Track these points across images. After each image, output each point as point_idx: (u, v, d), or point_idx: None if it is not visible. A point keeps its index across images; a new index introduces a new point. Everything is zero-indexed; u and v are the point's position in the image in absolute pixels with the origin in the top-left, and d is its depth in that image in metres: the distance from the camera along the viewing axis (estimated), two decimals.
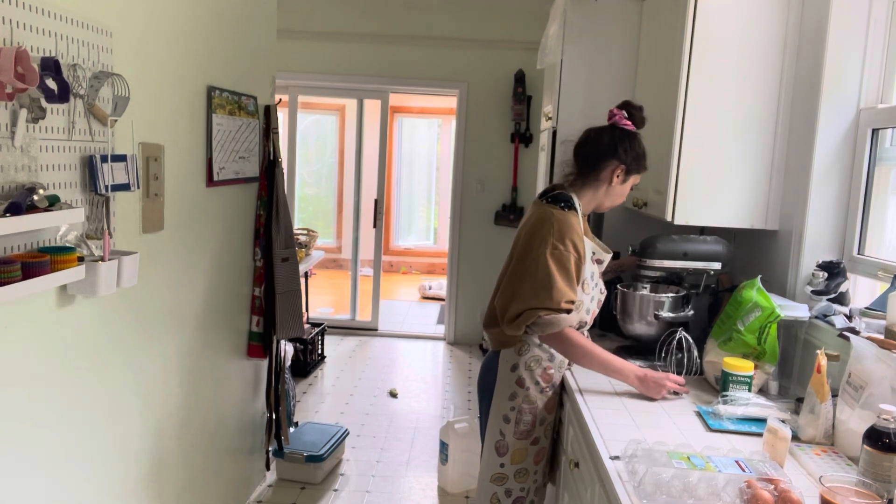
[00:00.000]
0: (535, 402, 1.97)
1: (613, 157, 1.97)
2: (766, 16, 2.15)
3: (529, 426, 1.98)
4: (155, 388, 2.15)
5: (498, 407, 2.00)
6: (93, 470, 1.84)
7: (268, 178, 2.87)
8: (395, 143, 8.91)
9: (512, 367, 1.98)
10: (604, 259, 2.04)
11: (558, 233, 1.89)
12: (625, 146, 1.96)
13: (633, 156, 1.97)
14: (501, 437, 2.00)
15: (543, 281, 1.86)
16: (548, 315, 1.87)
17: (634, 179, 2.03)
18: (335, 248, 8.81)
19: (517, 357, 1.98)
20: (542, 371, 1.97)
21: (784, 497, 1.23)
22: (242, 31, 2.67)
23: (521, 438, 1.98)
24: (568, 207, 1.95)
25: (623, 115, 1.99)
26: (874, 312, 1.76)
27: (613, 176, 1.98)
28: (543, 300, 1.86)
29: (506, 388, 1.99)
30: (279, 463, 3.25)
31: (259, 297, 2.89)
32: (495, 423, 2.01)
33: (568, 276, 1.88)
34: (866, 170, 2.00)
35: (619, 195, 2.03)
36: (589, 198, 2.02)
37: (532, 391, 1.97)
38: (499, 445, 2.01)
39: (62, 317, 1.68)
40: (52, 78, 1.52)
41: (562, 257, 1.88)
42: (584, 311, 1.99)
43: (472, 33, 5.47)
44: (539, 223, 1.93)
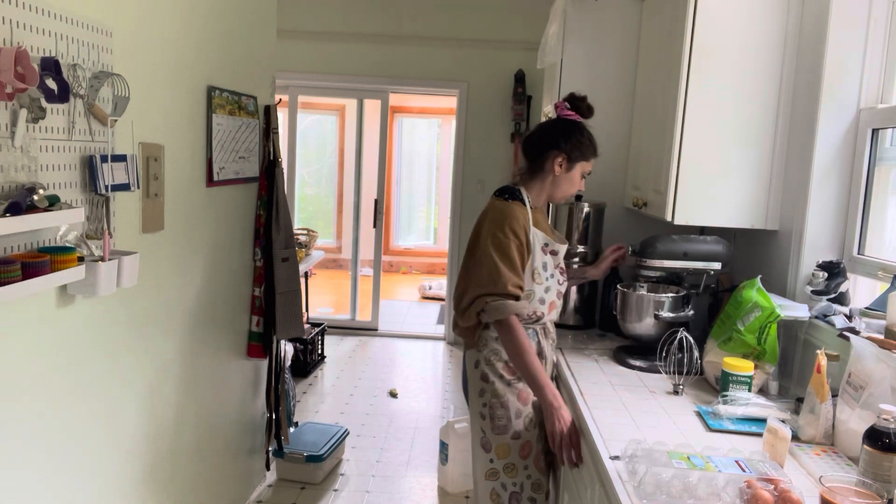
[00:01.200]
0: (504, 396, 1.96)
1: (553, 148, 2.00)
2: (766, 15, 2.15)
3: (505, 420, 1.97)
4: (155, 388, 2.15)
5: (473, 405, 2.03)
6: (92, 470, 1.84)
7: (268, 178, 2.87)
8: (395, 143, 8.91)
9: (475, 363, 2.01)
10: (558, 249, 2.04)
11: (497, 221, 1.94)
12: (565, 136, 1.99)
13: (573, 143, 1.99)
14: (483, 433, 2.01)
15: (489, 268, 1.90)
16: (494, 301, 1.89)
17: (583, 167, 2.04)
18: (335, 248, 8.80)
19: (478, 353, 2.00)
20: (504, 364, 1.97)
21: (784, 497, 1.23)
22: (242, 31, 2.67)
23: (499, 434, 1.97)
24: (511, 198, 2.00)
25: (565, 105, 2.03)
26: (874, 312, 1.76)
27: (555, 165, 2.00)
28: (488, 286, 1.90)
29: (475, 386, 2.02)
30: (279, 463, 3.25)
31: (259, 297, 2.89)
32: (475, 421, 2.04)
33: (510, 262, 1.91)
34: (866, 170, 2.00)
35: (569, 184, 2.04)
36: (538, 190, 2.04)
37: (497, 385, 1.97)
38: (483, 442, 2.02)
39: (62, 317, 1.68)
40: (52, 78, 1.52)
41: (502, 244, 1.91)
42: (537, 301, 1.99)
43: (472, 33, 5.47)
44: (484, 216, 2.00)
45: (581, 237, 2.59)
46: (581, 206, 2.58)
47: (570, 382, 2.00)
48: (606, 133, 2.81)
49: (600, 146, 2.90)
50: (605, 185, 2.82)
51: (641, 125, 2.65)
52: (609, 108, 2.80)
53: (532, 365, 1.88)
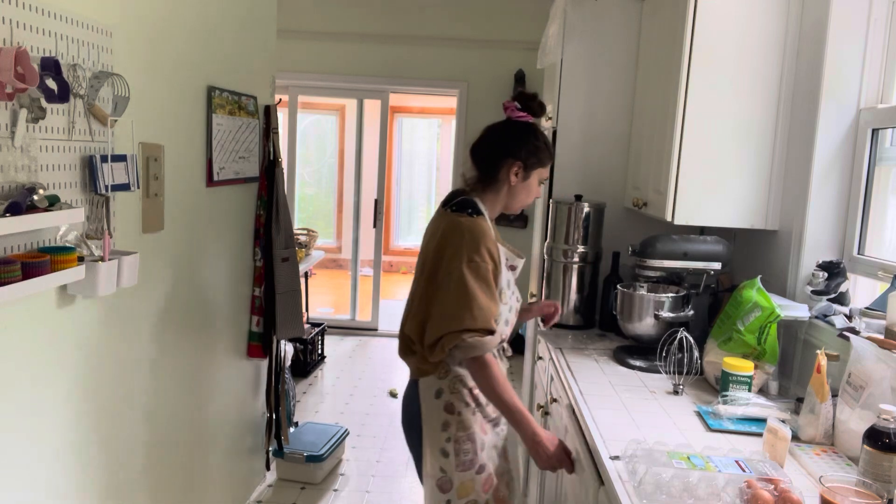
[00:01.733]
0: (471, 427, 1.77)
1: (507, 156, 1.80)
2: (766, 15, 2.15)
3: (472, 455, 1.77)
4: (155, 388, 2.15)
5: (432, 441, 1.80)
6: (92, 469, 1.84)
7: (268, 178, 2.87)
8: (395, 143, 8.91)
9: (436, 393, 1.79)
10: (517, 265, 1.87)
11: (471, 242, 1.70)
12: (519, 141, 1.80)
13: (529, 150, 1.80)
14: (443, 473, 1.79)
15: (462, 299, 1.67)
16: (471, 338, 1.66)
17: (540, 174, 1.86)
18: (335, 248, 8.80)
19: (439, 382, 1.79)
20: (469, 391, 1.78)
21: (784, 497, 1.23)
22: (242, 31, 2.67)
23: (465, 470, 1.77)
24: (475, 213, 1.77)
25: (515, 106, 1.82)
26: (874, 312, 1.76)
27: (511, 175, 1.81)
28: (465, 321, 1.66)
29: (435, 419, 1.79)
30: (279, 463, 3.25)
31: (259, 297, 2.89)
32: (433, 460, 1.80)
33: (489, 290, 1.70)
34: (866, 170, 2.00)
35: (526, 194, 1.86)
36: (492, 201, 1.85)
37: (465, 415, 1.77)
38: (441, 483, 1.79)
39: (62, 317, 1.68)
40: (52, 78, 1.52)
41: (479, 270, 1.69)
42: (502, 323, 1.81)
43: (472, 33, 5.46)
44: (448, 234, 1.74)
45: (581, 237, 2.59)
46: (581, 206, 2.58)
47: (571, 382, 2.00)
48: (606, 133, 2.82)
49: (600, 146, 2.90)
50: (605, 185, 2.82)
51: (641, 125, 2.65)
52: (609, 108, 2.80)
53: (511, 400, 1.70)
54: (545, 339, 2.51)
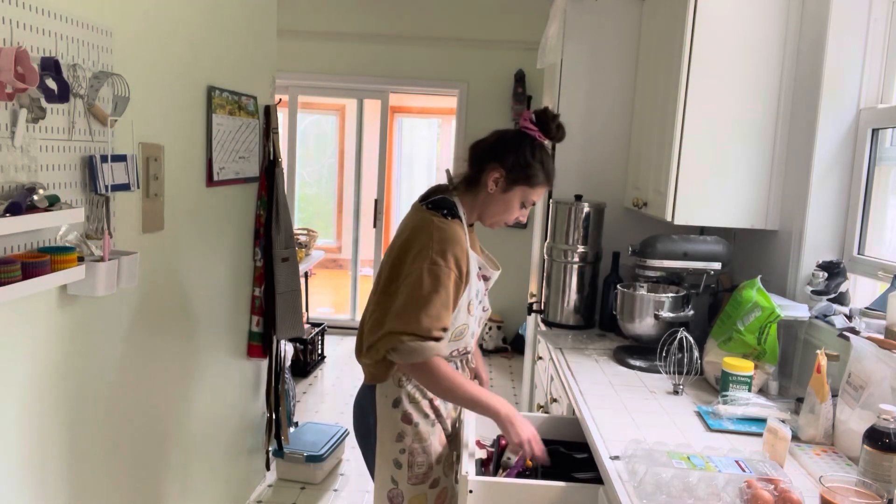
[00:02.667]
0: (428, 440, 1.70)
1: (493, 159, 1.68)
2: (766, 15, 2.15)
3: (425, 468, 1.70)
4: (155, 388, 2.15)
5: (385, 452, 1.71)
6: (92, 469, 1.84)
7: (268, 178, 2.87)
8: (395, 143, 8.90)
9: (394, 402, 1.70)
10: (491, 276, 1.79)
11: (438, 245, 1.60)
12: (513, 149, 1.68)
13: (519, 162, 1.67)
14: (394, 485, 1.71)
15: (415, 300, 1.57)
16: (412, 341, 1.56)
17: (524, 193, 1.71)
18: (335, 248, 8.80)
19: (398, 390, 1.69)
20: (429, 403, 1.71)
21: (784, 497, 1.23)
22: (242, 31, 2.67)
23: (417, 483, 1.70)
24: (451, 216, 1.67)
25: (530, 117, 1.70)
26: (874, 312, 1.76)
27: (490, 180, 1.69)
28: (409, 323, 1.57)
29: (390, 429, 1.70)
30: (279, 463, 3.25)
31: (259, 297, 2.89)
32: (385, 469, 1.72)
33: (446, 297, 1.59)
34: (866, 170, 2.00)
35: (502, 208, 1.73)
36: (469, 205, 1.75)
37: (422, 426, 1.69)
38: (392, 495, 1.72)
39: (62, 317, 1.68)
40: (52, 78, 1.52)
41: (440, 275, 1.58)
42: (468, 336, 1.74)
43: (472, 33, 5.46)
44: (418, 233, 1.65)
45: (581, 237, 2.59)
46: (581, 206, 2.58)
47: (571, 382, 2.00)
48: (606, 133, 2.82)
49: (600, 146, 2.90)
50: (605, 185, 2.82)
51: (641, 125, 2.65)
52: (609, 108, 2.80)
53: (470, 392, 1.63)
54: (545, 339, 2.51)
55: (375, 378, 1.73)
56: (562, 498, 1.52)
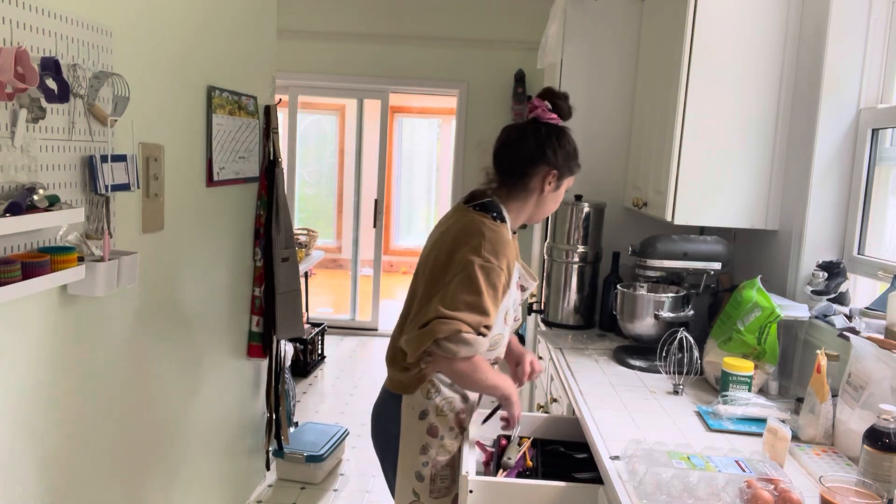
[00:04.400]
0: (453, 453, 1.66)
1: (542, 162, 1.64)
2: (767, 15, 2.15)
3: (448, 482, 1.66)
4: (155, 388, 2.15)
5: (407, 464, 1.67)
6: (92, 470, 1.84)
7: (268, 178, 2.87)
8: (395, 143, 8.91)
9: (420, 414, 1.65)
10: (528, 286, 1.77)
11: (490, 245, 1.56)
12: (553, 146, 1.64)
13: (564, 156, 1.66)
14: (415, 497, 1.67)
15: (467, 291, 1.52)
16: (469, 334, 1.51)
17: (568, 182, 1.72)
18: (335, 248, 8.80)
19: (426, 401, 1.64)
20: (455, 416, 1.66)
21: (784, 497, 1.23)
22: (242, 31, 2.67)
23: (439, 497, 1.67)
24: (500, 220, 1.63)
25: (546, 106, 1.65)
26: (874, 312, 1.76)
27: (545, 184, 1.66)
28: (462, 312, 1.51)
29: (415, 441, 1.66)
30: (279, 463, 3.25)
31: (259, 297, 2.89)
32: (406, 483, 1.68)
33: (496, 296, 1.56)
34: (866, 170, 2.00)
35: (554, 203, 1.73)
36: (516, 211, 1.69)
37: (447, 440, 1.66)
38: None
39: (62, 317, 1.68)
40: (52, 78, 1.52)
41: (492, 273, 1.54)
42: (502, 346, 1.71)
43: (472, 33, 5.46)
44: (468, 232, 1.59)
45: (581, 237, 2.59)
46: (581, 206, 2.58)
47: (571, 382, 2.00)
48: (606, 133, 2.82)
49: (600, 146, 2.91)
50: (605, 185, 2.82)
51: (641, 125, 2.65)
52: (609, 108, 2.80)
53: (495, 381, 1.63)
54: (545, 339, 2.51)
55: (404, 388, 1.66)
56: (562, 498, 1.52)
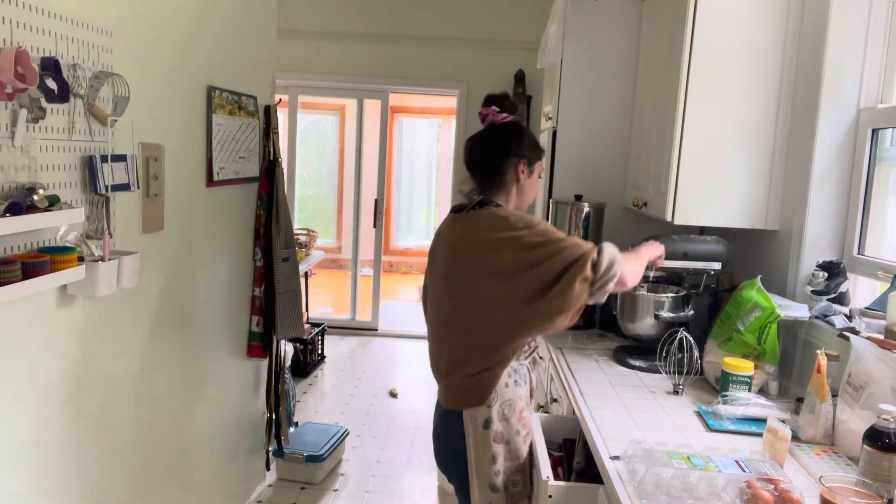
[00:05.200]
0: (522, 458, 1.68)
1: (509, 155, 1.75)
2: (766, 15, 2.15)
3: (521, 486, 1.69)
4: (155, 388, 2.15)
5: (481, 478, 1.67)
6: (92, 470, 1.84)
7: (268, 178, 2.87)
8: (395, 143, 8.91)
9: (485, 423, 1.66)
10: None
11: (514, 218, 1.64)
12: (514, 140, 1.76)
13: (527, 145, 1.77)
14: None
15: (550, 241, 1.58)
16: (600, 255, 1.58)
17: (539, 167, 1.83)
18: (335, 248, 8.80)
19: (487, 410, 1.66)
20: (518, 415, 1.69)
21: (784, 497, 1.23)
22: (242, 31, 2.67)
23: (516, 503, 1.70)
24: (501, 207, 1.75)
25: (494, 110, 1.78)
26: (874, 312, 1.76)
27: (518, 173, 1.76)
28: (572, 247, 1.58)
29: (484, 452, 1.66)
30: (279, 463, 3.25)
31: (259, 297, 2.89)
32: (482, 497, 1.68)
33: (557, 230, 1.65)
34: (866, 170, 2.00)
35: (533, 189, 1.82)
36: (504, 204, 1.78)
37: (514, 443, 1.68)
38: None
39: (62, 317, 1.68)
40: (52, 78, 1.52)
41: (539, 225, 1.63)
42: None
43: (472, 33, 5.46)
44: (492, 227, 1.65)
45: (581, 237, 2.59)
46: (581, 206, 2.58)
47: (571, 382, 2.00)
48: (606, 133, 2.82)
49: (600, 146, 2.91)
50: (605, 185, 2.82)
51: (641, 125, 2.65)
52: (609, 108, 2.80)
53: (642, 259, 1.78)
54: (545, 339, 2.51)
55: (469, 399, 1.66)
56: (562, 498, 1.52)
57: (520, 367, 1.73)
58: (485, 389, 1.66)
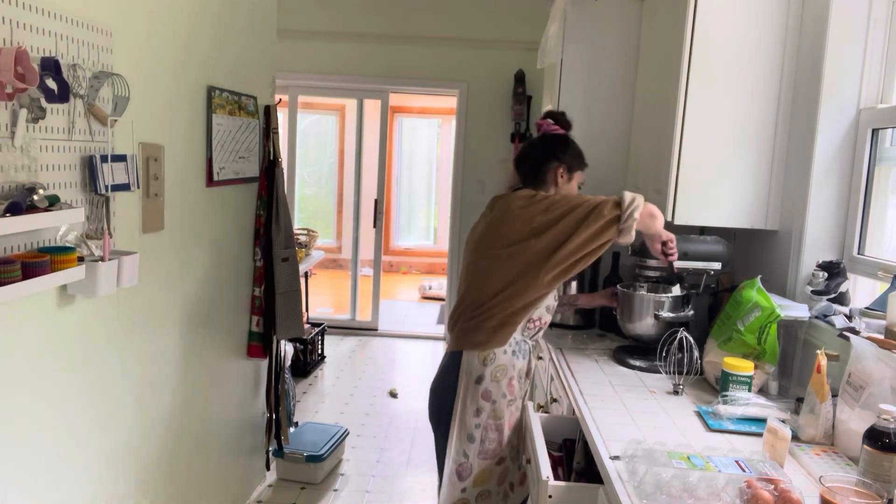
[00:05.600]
0: (502, 418, 1.89)
1: (552, 159, 2.01)
2: (766, 15, 2.15)
3: (496, 444, 1.89)
4: (155, 388, 2.15)
5: (462, 426, 1.89)
6: (92, 469, 1.84)
7: (268, 178, 2.87)
8: (395, 143, 8.91)
9: (477, 379, 1.88)
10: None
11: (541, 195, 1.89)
12: (561, 148, 2.02)
13: (571, 154, 2.03)
14: (465, 458, 1.89)
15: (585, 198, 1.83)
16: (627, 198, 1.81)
17: (579, 177, 2.05)
18: (335, 248, 8.80)
19: (482, 367, 1.87)
20: (508, 381, 1.90)
21: (784, 497, 1.23)
22: (242, 31, 2.67)
23: (486, 458, 1.89)
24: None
25: (549, 122, 2.09)
26: (874, 312, 1.76)
27: (558, 176, 2.00)
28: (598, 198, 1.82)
29: (470, 404, 1.88)
30: (279, 463, 3.25)
31: (259, 297, 2.89)
32: (458, 444, 1.89)
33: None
34: (866, 170, 2.00)
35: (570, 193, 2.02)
36: None
37: (500, 404, 1.88)
38: (461, 469, 1.90)
39: (62, 317, 1.68)
40: (52, 78, 1.52)
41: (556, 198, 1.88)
42: (544, 308, 1.96)
43: (472, 33, 5.46)
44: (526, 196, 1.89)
45: None
46: None
47: (570, 382, 2.00)
48: (606, 133, 2.82)
49: (600, 146, 2.91)
50: (605, 185, 2.82)
51: (641, 125, 2.65)
52: (609, 108, 2.80)
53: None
54: (545, 340, 2.51)
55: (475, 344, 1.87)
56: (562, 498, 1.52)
57: (522, 342, 1.94)
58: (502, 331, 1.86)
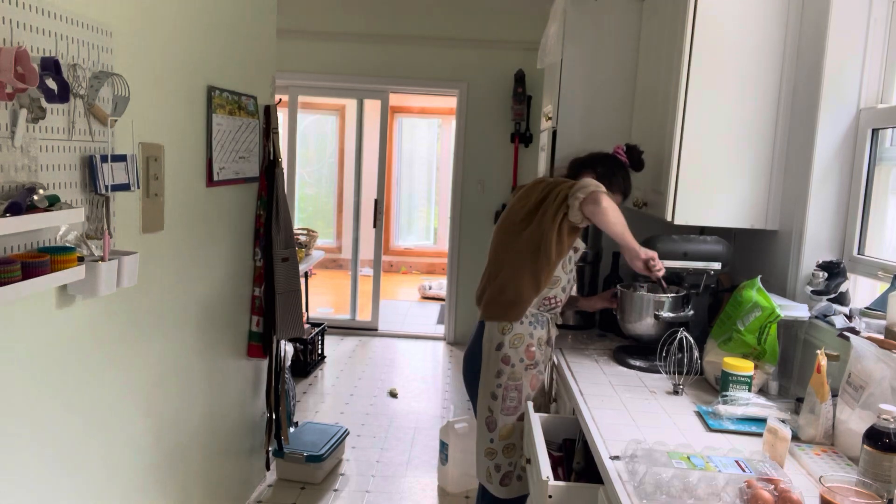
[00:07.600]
0: (520, 380, 2.10)
1: (587, 168, 2.22)
2: (767, 16, 2.15)
3: (516, 402, 2.11)
4: (155, 388, 2.15)
5: (486, 385, 2.14)
6: (92, 469, 1.84)
7: (268, 178, 2.87)
8: (395, 143, 8.91)
9: (497, 345, 2.11)
10: (580, 247, 2.17)
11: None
12: (604, 164, 2.21)
13: (607, 171, 2.19)
14: (490, 413, 2.13)
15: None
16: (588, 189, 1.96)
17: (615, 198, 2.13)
18: (335, 248, 8.80)
19: (501, 336, 2.11)
20: (525, 348, 2.10)
21: (784, 497, 1.23)
22: (242, 31, 2.67)
23: (508, 414, 2.10)
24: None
25: (622, 149, 2.29)
26: (874, 312, 1.76)
27: None
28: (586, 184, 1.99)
29: (493, 366, 2.12)
30: (279, 463, 3.25)
31: (259, 297, 2.89)
32: (484, 400, 2.15)
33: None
34: (866, 170, 2.00)
35: None
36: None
37: (517, 368, 2.10)
38: (489, 421, 2.14)
39: (62, 317, 1.68)
40: (52, 78, 1.52)
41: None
42: (559, 289, 2.12)
43: (472, 33, 5.47)
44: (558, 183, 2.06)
45: (581, 237, 2.59)
46: None
47: (570, 382, 2.00)
48: (606, 133, 2.81)
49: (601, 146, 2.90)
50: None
51: (641, 125, 2.65)
52: (609, 109, 2.80)
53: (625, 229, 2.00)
54: None
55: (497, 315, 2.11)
56: (562, 498, 1.52)
57: (539, 315, 2.13)
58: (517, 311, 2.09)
